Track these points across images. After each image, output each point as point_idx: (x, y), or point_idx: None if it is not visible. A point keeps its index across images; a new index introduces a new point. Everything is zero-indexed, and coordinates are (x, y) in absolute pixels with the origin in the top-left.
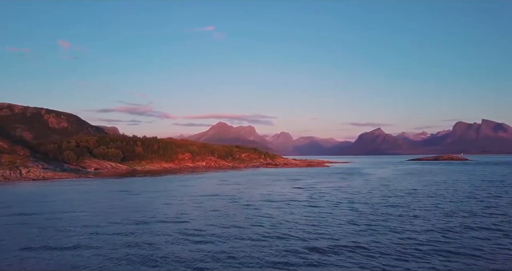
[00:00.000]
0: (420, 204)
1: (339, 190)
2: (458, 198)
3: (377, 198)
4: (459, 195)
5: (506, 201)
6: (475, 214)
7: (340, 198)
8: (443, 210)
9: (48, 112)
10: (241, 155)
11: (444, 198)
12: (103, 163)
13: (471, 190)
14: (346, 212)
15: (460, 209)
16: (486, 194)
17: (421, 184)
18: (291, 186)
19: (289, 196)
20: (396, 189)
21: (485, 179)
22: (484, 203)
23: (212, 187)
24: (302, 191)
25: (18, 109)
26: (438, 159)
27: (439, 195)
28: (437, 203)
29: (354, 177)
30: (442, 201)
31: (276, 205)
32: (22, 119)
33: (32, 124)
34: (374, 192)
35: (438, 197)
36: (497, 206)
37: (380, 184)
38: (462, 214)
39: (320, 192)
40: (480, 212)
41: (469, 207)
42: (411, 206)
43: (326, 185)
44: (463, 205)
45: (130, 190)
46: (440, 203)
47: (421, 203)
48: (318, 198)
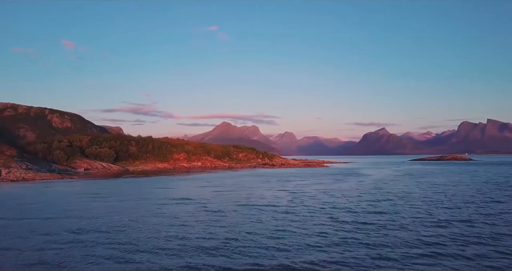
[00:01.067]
0: (411, 210)
1: (326, 193)
2: (456, 203)
3: (364, 203)
4: (457, 199)
5: (510, 207)
6: (473, 223)
7: (323, 202)
8: (436, 219)
9: (52, 112)
10: (238, 155)
11: (440, 204)
12: (94, 163)
13: (472, 194)
14: (322, 221)
15: (456, 218)
16: (487, 199)
17: (418, 186)
18: (277, 189)
19: (268, 200)
20: (389, 193)
21: (488, 181)
22: (484, 209)
23: (191, 190)
24: (286, 194)
25: (22, 109)
26: (441, 159)
27: (435, 200)
28: (431, 210)
29: (349, 178)
30: (436, 207)
31: (246, 212)
32: (26, 119)
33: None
34: (364, 195)
35: (433, 202)
36: (498, 213)
37: (374, 187)
38: (456, 224)
39: (305, 195)
40: (478, 221)
41: (467, 215)
42: (401, 213)
43: (315, 187)
44: (459, 212)
45: (102, 193)
46: (434, 209)
47: (412, 210)
48: (298, 203)
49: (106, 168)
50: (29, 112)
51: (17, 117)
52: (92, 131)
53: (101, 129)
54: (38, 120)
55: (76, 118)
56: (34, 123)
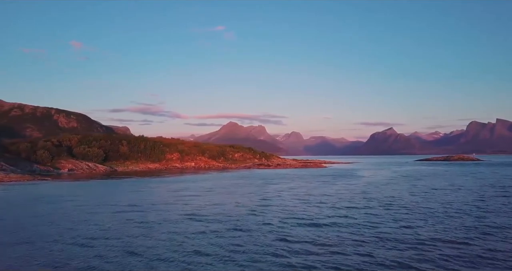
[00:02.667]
0: (392, 226)
1: (302, 199)
2: (449, 214)
3: (341, 211)
4: (452, 209)
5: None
6: (463, 246)
7: (288, 213)
8: (414, 237)
9: (58, 112)
10: (234, 155)
11: (428, 215)
12: (79, 163)
13: (471, 202)
14: (264, 241)
15: (443, 236)
16: (489, 209)
17: (411, 191)
18: (251, 194)
19: (225, 209)
20: (373, 199)
21: (494, 184)
22: (482, 224)
23: (154, 195)
24: (254, 201)
25: (29, 109)
26: (448, 159)
27: (424, 210)
28: (413, 224)
29: (340, 180)
30: (422, 220)
31: (179, 225)
32: (32, 119)
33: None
34: (342, 202)
35: (420, 213)
36: (500, 231)
37: (360, 191)
38: (441, 247)
39: (275, 203)
40: (472, 243)
41: (458, 233)
42: (377, 229)
43: (295, 192)
44: (449, 228)
45: (60, 195)
46: (417, 223)
47: (388, 223)
48: (258, 213)
49: (92, 168)
50: (35, 112)
51: (24, 117)
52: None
53: (108, 129)
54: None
55: (82, 118)
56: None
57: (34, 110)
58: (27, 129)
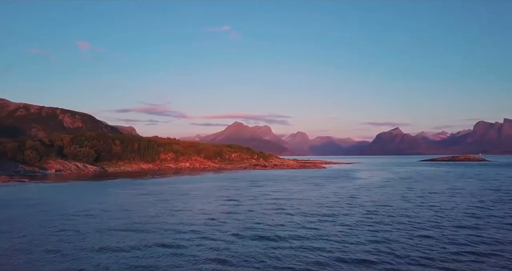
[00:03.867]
0: (362, 241)
1: (279, 205)
2: (441, 226)
3: (311, 221)
4: (447, 218)
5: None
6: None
7: (252, 222)
8: (390, 261)
9: (63, 112)
10: (231, 155)
11: (417, 227)
12: (68, 163)
13: (470, 209)
14: (196, 258)
15: (427, 263)
16: (489, 217)
17: (407, 195)
18: (229, 197)
19: (183, 217)
20: (362, 205)
21: (499, 188)
22: (480, 239)
23: (124, 199)
24: (226, 206)
25: (34, 109)
26: (453, 160)
27: (414, 220)
28: (396, 240)
29: (334, 182)
30: (409, 235)
31: (121, 236)
32: (38, 119)
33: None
34: (323, 209)
35: (408, 224)
36: (500, 245)
37: (349, 195)
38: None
39: (245, 208)
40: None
41: (450, 257)
42: (340, 245)
43: (277, 195)
44: (438, 250)
45: (15, 199)
46: (401, 241)
47: (366, 239)
48: (217, 224)
49: (81, 169)
50: (41, 112)
51: (29, 117)
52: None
53: (113, 129)
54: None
55: (87, 118)
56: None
57: (40, 110)
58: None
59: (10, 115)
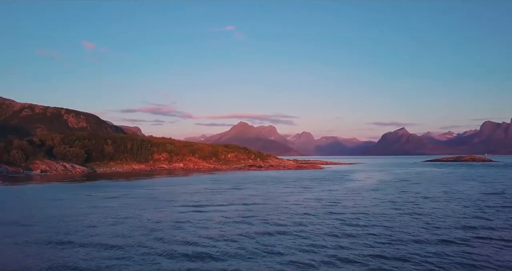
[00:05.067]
0: (316, 261)
1: (247, 212)
2: (425, 241)
3: (270, 231)
4: (434, 233)
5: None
6: None
7: (195, 236)
8: None
9: (68, 112)
10: (227, 155)
11: (394, 241)
12: (55, 164)
13: (465, 218)
14: None
15: None
16: (486, 231)
17: (397, 200)
18: (197, 202)
19: (122, 228)
20: (343, 212)
21: (502, 191)
22: (468, 262)
23: (82, 204)
24: (185, 212)
25: (39, 110)
26: (458, 160)
27: (395, 234)
28: (360, 255)
29: (326, 184)
30: (380, 254)
31: (40, 248)
32: (43, 119)
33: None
34: (295, 218)
35: (385, 237)
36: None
37: (336, 200)
38: None
39: (204, 216)
40: None
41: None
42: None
43: (254, 200)
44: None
45: None
46: (368, 253)
47: (320, 260)
48: (156, 238)
49: (68, 169)
50: (45, 112)
51: (34, 117)
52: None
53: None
54: (54, 120)
55: (92, 118)
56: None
57: (44, 110)
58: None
59: (15, 115)
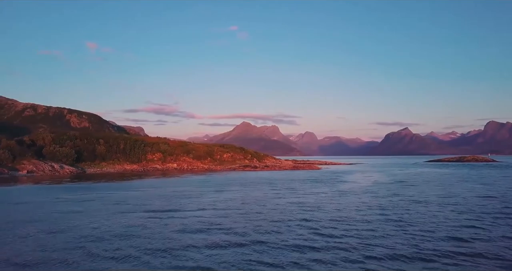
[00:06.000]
0: None
1: (205, 222)
2: (402, 260)
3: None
4: (419, 247)
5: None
6: None
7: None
8: None
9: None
10: (222, 155)
11: (366, 258)
12: (42, 164)
13: (457, 231)
14: None
15: None
16: (482, 244)
17: (386, 205)
18: (161, 209)
19: (52, 239)
20: (317, 221)
21: (503, 195)
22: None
23: (34, 211)
24: (132, 221)
25: (41, 109)
26: (460, 160)
27: (370, 250)
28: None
29: (315, 187)
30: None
31: None
32: (45, 119)
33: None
34: (264, 226)
35: (354, 251)
36: None
37: (317, 205)
38: None
39: (153, 224)
40: None
41: None
42: None
43: (224, 206)
44: None
45: None
46: None
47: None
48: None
49: (56, 170)
50: (48, 112)
51: (37, 117)
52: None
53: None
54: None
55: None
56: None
57: (47, 110)
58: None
59: (18, 115)
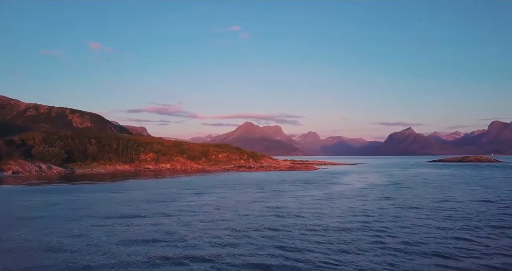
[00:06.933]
0: None
1: (170, 229)
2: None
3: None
4: (406, 263)
5: None
6: None
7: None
8: None
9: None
10: (218, 155)
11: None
12: (29, 165)
13: (444, 247)
14: None
15: None
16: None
17: (372, 212)
18: (124, 215)
19: None
20: (292, 231)
21: (504, 199)
22: None
23: None
24: (74, 230)
25: (44, 109)
26: (463, 160)
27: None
28: None
29: (304, 189)
30: None
31: None
32: (47, 119)
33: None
34: (226, 238)
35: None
36: None
37: (299, 210)
38: None
39: (94, 234)
40: None
41: None
42: None
43: (193, 211)
44: None
45: None
46: None
47: None
48: None
49: (43, 170)
50: (50, 112)
51: (39, 117)
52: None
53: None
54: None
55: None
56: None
57: (49, 110)
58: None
59: (20, 115)
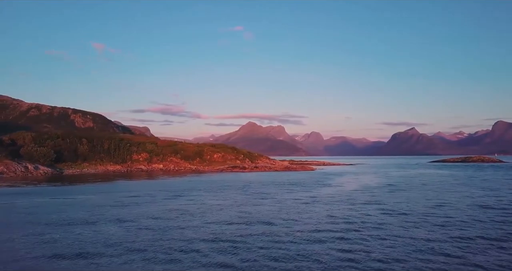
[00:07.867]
0: None
1: (122, 239)
2: None
3: None
4: None
5: None
6: None
7: None
8: None
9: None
10: (213, 155)
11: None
12: (14, 165)
13: (436, 260)
14: None
15: None
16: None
17: (356, 219)
18: (84, 221)
19: None
20: (256, 241)
21: (501, 202)
22: None
23: None
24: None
25: (46, 109)
26: (466, 160)
27: None
28: None
29: (294, 191)
30: None
31: None
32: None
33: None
34: (174, 254)
35: None
36: None
37: (273, 217)
38: None
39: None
40: None
41: None
42: None
43: (156, 218)
44: None
45: None
46: None
47: None
48: None
49: (29, 171)
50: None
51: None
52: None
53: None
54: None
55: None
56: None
57: (51, 110)
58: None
59: (23, 115)
